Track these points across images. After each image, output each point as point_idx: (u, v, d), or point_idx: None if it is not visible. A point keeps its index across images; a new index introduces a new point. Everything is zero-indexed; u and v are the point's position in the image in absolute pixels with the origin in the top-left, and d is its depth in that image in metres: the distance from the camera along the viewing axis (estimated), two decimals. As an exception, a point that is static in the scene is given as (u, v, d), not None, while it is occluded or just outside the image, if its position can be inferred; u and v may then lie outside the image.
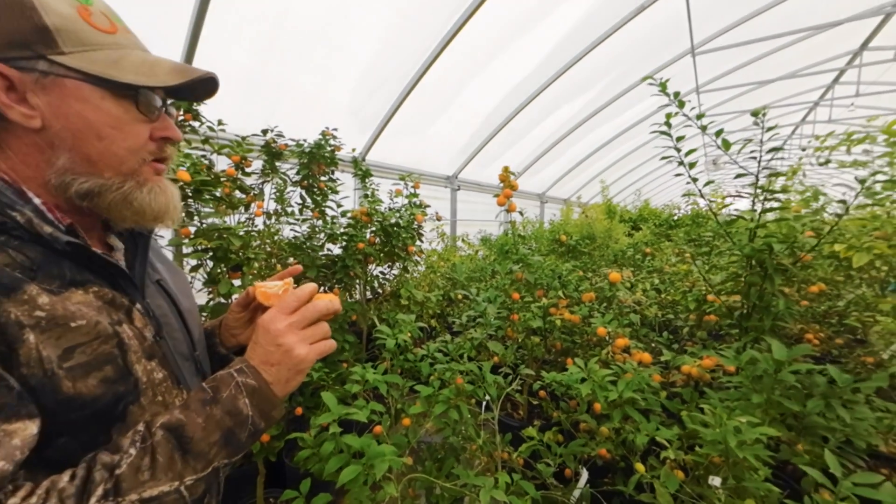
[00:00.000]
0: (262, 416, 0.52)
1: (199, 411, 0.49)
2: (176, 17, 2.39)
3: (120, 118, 0.51)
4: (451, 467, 1.14)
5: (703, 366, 1.71)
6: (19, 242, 0.47)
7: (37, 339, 0.43)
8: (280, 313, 0.55)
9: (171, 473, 0.45)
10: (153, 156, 0.56)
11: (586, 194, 9.69)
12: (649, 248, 3.93)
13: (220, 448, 0.49)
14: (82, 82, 0.49)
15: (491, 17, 3.40)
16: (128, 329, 0.53)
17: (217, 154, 2.27)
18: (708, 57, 5.20)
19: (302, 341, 0.55)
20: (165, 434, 0.47)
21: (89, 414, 0.47)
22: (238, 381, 0.52)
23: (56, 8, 0.47)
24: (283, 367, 0.54)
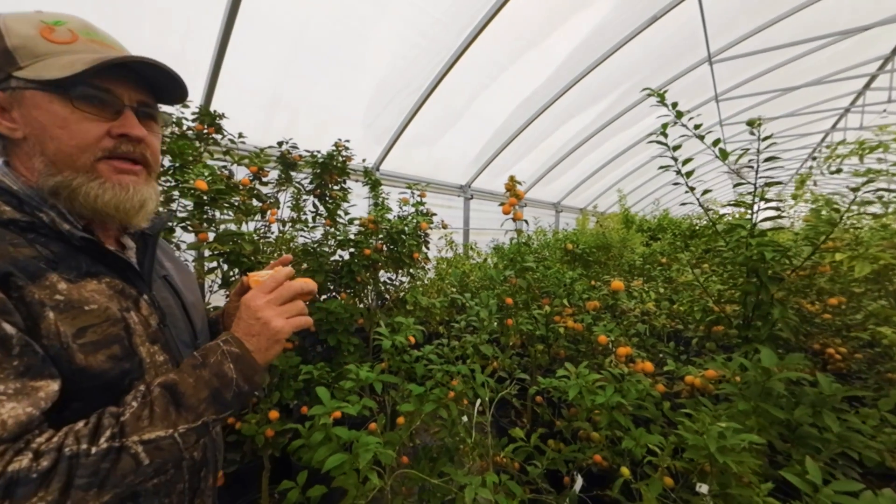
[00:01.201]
0: (245, 380, 0.59)
1: (190, 373, 0.57)
2: (203, 40, 2.57)
3: (66, 118, 0.56)
4: (443, 466, 1.17)
5: (706, 376, 1.68)
6: (46, 239, 0.56)
7: (56, 316, 0.52)
8: (259, 292, 0.64)
9: (166, 422, 0.52)
10: (107, 152, 0.58)
11: (603, 203, 9.57)
12: (665, 257, 3.86)
13: (209, 404, 0.56)
14: (35, 91, 0.55)
15: (503, 29, 3.48)
16: (134, 316, 0.62)
17: (237, 165, 2.41)
18: (726, 65, 5.13)
19: (278, 315, 0.63)
20: (162, 390, 0.55)
21: (99, 385, 0.55)
22: (224, 349, 0.60)
23: (18, 31, 0.55)
24: (263, 337, 0.61)
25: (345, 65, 3.27)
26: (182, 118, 2.07)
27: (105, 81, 0.58)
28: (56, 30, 0.56)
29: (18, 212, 0.55)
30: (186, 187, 1.54)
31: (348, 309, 2.02)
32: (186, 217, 1.68)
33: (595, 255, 3.52)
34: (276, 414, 1.50)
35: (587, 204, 9.41)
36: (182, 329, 0.72)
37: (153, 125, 0.66)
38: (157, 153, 0.67)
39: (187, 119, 2.13)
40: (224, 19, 2.48)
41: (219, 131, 2.35)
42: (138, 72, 0.62)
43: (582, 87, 4.76)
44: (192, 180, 1.49)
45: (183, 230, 1.76)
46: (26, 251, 0.53)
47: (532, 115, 5.01)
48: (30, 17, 0.57)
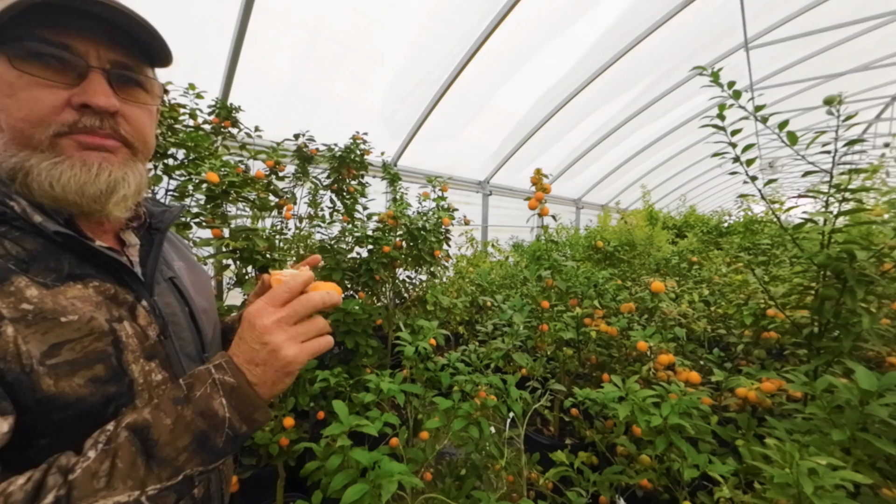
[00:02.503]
0: (242, 419, 0.46)
1: (168, 411, 0.44)
2: (219, 33, 2.51)
3: (12, 84, 0.44)
4: (471, 487, 1.06)
5: (762, 389, 1.51)
6: (20, 234, 0.46)
7: (17, 332, 0.41)
8: (269, 305, 0.48)
9: (130, 482, 0.40)
10: (65, 127, 0.46)
11: (625, 200, 9.24)
12: (696, 256, 3.64)
13: (192, 454, 0.43)
14: None
15: (524, 18, 3.32)
16: (128, 326, 0.51)
17: (253, 159, 2.35)
18: (764, 51, 4.80)
19: (291, 340, 0.47)
20: (129, 435, 0.42)
21: (74, 415, 0.44)
22: (215, 377, 0.46)
23: None
24: (269, 368, 0.47)
25: (362, 57, 3.17)
26: (197, 110, 2.00)
27: (61, 35, 0.45)
28: None
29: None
30: (199, 180, 1.46)
31: (367, 309, 1.93)
32: (199, 212, 1.60)
33: (625, 253, 3.34)
34: (292, 421, 1.41)
35: (609, 200, 9.11)
36: (187, 340, 0.60)
37: (137, 93, 0.52)
38: (141, 129, 0.52)
39: (202, 111, 2.07)
40: (240, 11, 2.41)
41: (235, 125, 2.29)
42: (115, 22, 0.47)
43: (607, 78, 4.54)
44: (204, 173, 1.41)
45: (197, 226, 1.69)
46: None
47: (554, 108, 4.82)
48: None
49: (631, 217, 5.30)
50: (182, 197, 1.65)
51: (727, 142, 1.33)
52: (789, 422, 1.25)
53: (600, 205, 9.06)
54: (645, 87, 5.18)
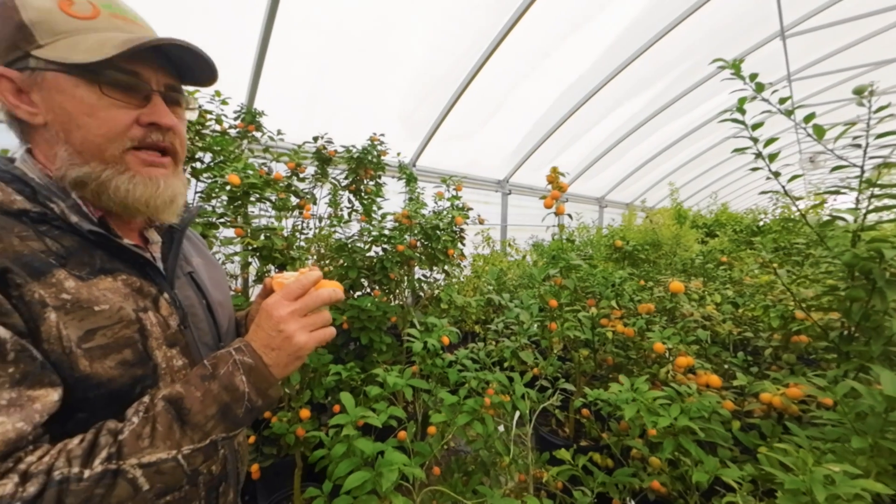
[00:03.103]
0: (258, 394, 0.53)
1: (198, 385, 0.51)
2: (245, 41, 2.63)
3: (93, 105, 0.51)
4: (478, 483, 1.07)
5: (788, 395, 1.43)
6: (59, 232, 0.52)
7: (59, 318, 0.47)
8: (284, 299, 0.56)
9: (169, 442, 0.47)
10: (136, 142, 0.54)
11: (652, 198, 8.94)
12: (726, 256, 3.49)
13: (218, 421, 0.51)
14: (58, 73, 0.50)
15: (542, 14, 3.28)
16: (152, 316, 0.56)
17: (276, 161, 2.44)
18: (802, 39, 4.53)
19: (302, 329, 0.56)
20: (166, 405, 0.49)
21: (106, 393, 0.50)
22: (236, 359, 0.53)
23: (34, 3, 0.49)
24: (283, 352, 0.55)
25: (380, 59, 3.23)
26: (222, 115, 2.11)
27: (133, 64, 0.53)
28: (74, 2, 0.51)
29: (31, 202, 0.50)
30: (223, 182, 1.54)
31: (381, 307, 1.97)
32: (224, 213, 1.69)
33: (646, 252, 3.24)
34: (308, 413, 1.47)
35: (634, 199, 8.84)
36: (205, 330, 0.66)
37: (179, 110, 0.61)
38: (184, 141, 0.62)
39: (227, 117, 2.17)
40: (264, 21, 2.51)
41: (259, 129, 2.39)
42: (165, 53, 0.56)
43: (631, 72, 4.40)
44: (227, 175, 1.49)
45: (223, 226, 1.78)
46: (34, 244, 0.48)
47: (575, 105, 4.73)
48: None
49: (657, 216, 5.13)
50: (208, 198, 1.74)
51: (749, 137, 1.28)
52: (817, 429, 1.20)
53: (625, 203, 8.81)
54: (671, 82, 4.99)
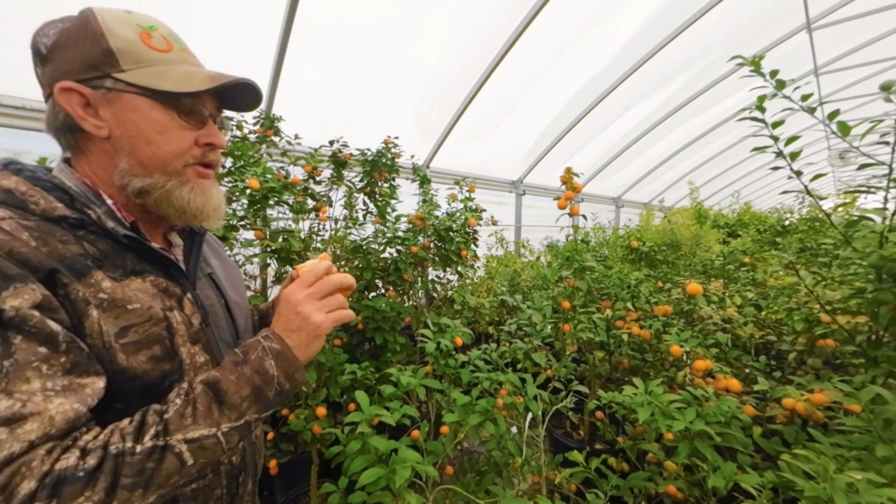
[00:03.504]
0: (286, 377, 0.58)
1: (231, 370, 0.56)
2: (263, 45, 2.70)
3: (166, 125, 0.58)
4: (490, 483, 1.08)
5: (813, 401, 1.39)
6: (94, 236, 0.56)
7: (99, 315, 0.51)
8: (299, 286, 0.62)
9: (209, 420, 0.51)
10: (196, 160, 0.62)
11: (671, 197, 8.73)
12: (748, 257, 3.38)
13: (251, 403, 0.55)
14: (137, 95, 0.56)
15: (557, 13, 3.25)
16: (177, 315, 0.60)
17: (294, 165, 2.50)
18: (829, 31, 4.36)
19: (318, 310, 0.61)
20: (204, 388, 0.54)
21: (139, 386, 0.54)
22: (264, 345, 0.58)
23: (120, 33, 0.56)
24: (303, 332, 0.60)
25: (396, 63, 3.27)
26: (242, 122, 2.17)
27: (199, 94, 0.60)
28: (153, 35, 0.58)
29: (70, 209, 0.54)
30: (243, 186, 1.59)
31: (395, 307, 2.00)
32: (244, 216, 1.75)
33: (663, 253, 3.18)
34: (324, 411, 1.51)
35: (652, 198, 8.65)
36: (224, 329, 0.70)
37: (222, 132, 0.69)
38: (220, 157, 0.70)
39: (247, 122, 2.24)
40: (282, 29, 2.58)
41: (277, 134, 2.46)
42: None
43: (648, 69, 4.32)
44: (247, 179, 1.54)
45: (243, 228, 1.84)
46: (74, 248, 0.52)
47: (591, 104, 4.67)
48: (125, 19, 0.57)
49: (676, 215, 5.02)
50: (229, 202, 1.80)
51: (769, 135, 1.24)
52: (843, 437, 1.16)
53: (642, 203, 8.63)
54: (690, 78, 4.88)
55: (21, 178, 0.54)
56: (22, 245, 0.47)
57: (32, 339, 0.44)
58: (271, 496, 1.92)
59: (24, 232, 0.48)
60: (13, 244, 0.46)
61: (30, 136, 2.00)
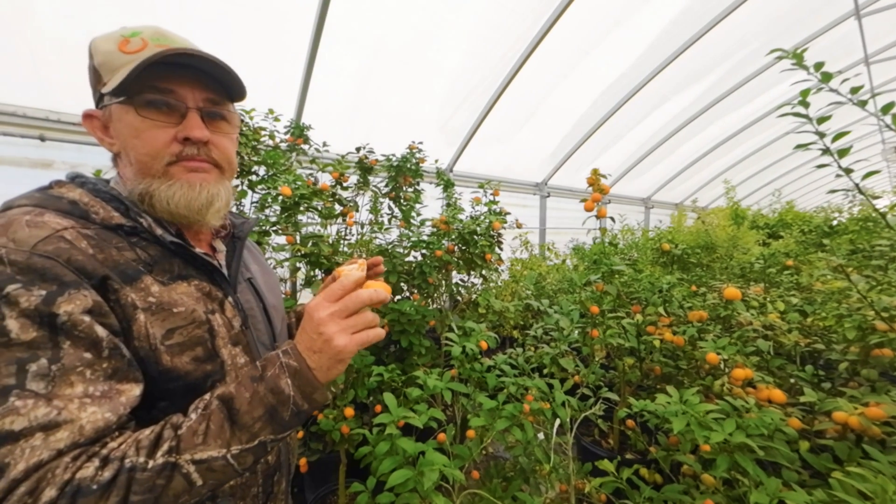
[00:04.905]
0: (303, 398, 0.53)
1: (247, 386, 0.52)
2: (294, 60, 2.81)
3: (137, 127, 0.58)
4: (517, 489, 1.06)
5: (868, 415, 1.29)
6: (146, 243, 0.60)
7: (146, 318, 0.54)
8: (324, 301, 0.56)
9: (220, 441, 0.49)
10: (174, 157, 0.60)
11: (704, 197, 8.35)
12: (791, 259, 3.18)
13: (265, 423, 0.51)
14: (117, 105, 0.58)
15: (582, 13, 3.20)
16: (219, 318, 0.63)
17: (322, 171, 2.58)
18: (881, 17, 4.06)
19: (342, 331, 0.54)
20: (219, 404, 0.51)
21: (183, 385, 0.57)
22: (282, 361, 0.54)
23: (101, 48, 0.59)
24: (325, 355, 0.54)
25: (418, 69, 3.32)
26: (275, 131, 2.27)
27: (167, 83, 0.58)
28: (131, 41, 0.58)
29: (125, 217, 0.59)
30: (276, 193, 1.66)
31: (420, 310, 2.02)
32: (276, 221, 1.82)
33: (697, 256, 3.04)
34: (352, 411, 1.54)
35: (684, 198, 8.30)
36: (262, 331, 0.73)
37: (222, 125, 0.65)
38: (227, 153, 0.66)
39: (279, 132, 2.34)
40: (311, 40, 2.68)
41: (306, 142, 2.55)
42: (204, 70, 0.61)
43: (679, 66, 4.17)
44: (279, 187, 1.61)
45: (275, 233, 1.92)
46: (128, 254, 0.56)
47: (617, 103, 4.55)
48: (112, 35, 0.60)
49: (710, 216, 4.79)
50: (262, 208, 1.88)
51: (814, 131, 1.17)
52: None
53: (674, 203, 8.30)
54: (724, 73, 4.66)
55: (84, 190, 0.59)
56: (79, 253, 0.51)
57: (79, 345, 0.47)
58: (301, 493, 1.97)
59: (83, 241, 0.52)
60: (71, 252, 0.50)
61: (86, 149, 2.17)
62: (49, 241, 0.49)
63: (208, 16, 2.27)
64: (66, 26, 1.92)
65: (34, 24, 1.90)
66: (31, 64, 1.97)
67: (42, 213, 0.52)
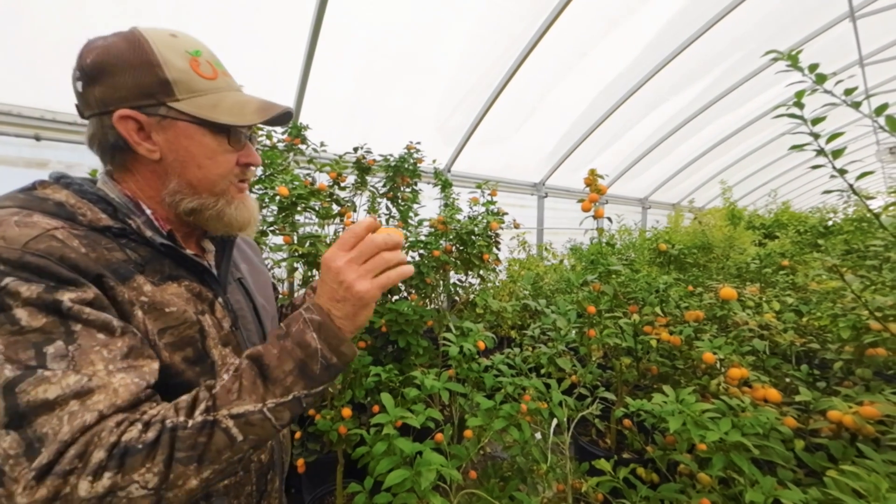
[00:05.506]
0: (331, 350, 0.54)
1: (274, 344, 0.54)
2: (292, 59, 2.81)
3: (215, 150, 0.63)
4: (514, 489, 1.07)
5: (862, 414, 1.30)
6: (135, 244, 0.60)
7: (143, 315, 0.55)
8: (339, 250, 0.56)
9: (254, 396, 0.51)
10: (238, 178, 0.67)
11: (701, 198, 8.39)
12: (787, 259, 3.20)
13: (297, 378, 0.53)
14: (190, 123, 0.60)
15: (579, 13, 3.21)
16: (209, 318, 0.63)
17: (319, 171, 2.58)
18: (875, 19, 4.09)
19: (362, 276, 0.54)
20: (249, 363, 0.53)
21: (179, 383, 0.57)
22: (305, 317, 0.55)
23: (175, 63, 0.59)
24: (348, 302, 0.54)
25: (416, 69, 3.32)
26: (272, 131, 2.26)
27: None
28: (200, 62, 0.62)
29: (113, 219, 0.58)
30: (273, 193, 1.66)
31: (417, 310, 2.02)
32: (274, 221, 1.82)
33: (694, 256, 3.05)
34: (349, 412, 1.54)
35: (681, 199, 8.34)
36: (252, 331, 0.73)
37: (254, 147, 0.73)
38: None
39: (276, 132, 2.33)
40: (308, 39, 2.67)
41: (304, 142, 2.54)
42: None
43: (675, 67, 4.19)
44: (277, 187, 1.61)
45: (272, 233, 1.92)
46: (118, 255, 0.56)
47: (615, 103, 4.57)
48: (175, 45, 0.60)
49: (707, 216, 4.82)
50: (260, 209, 1.88)
51: (809, 132, 1.18)
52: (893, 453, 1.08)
53: (670, 204, 8.34)
54: (721, 74, 4.69)
55: (70, 191, 0.58)
56: (72, 252, 0.50)
57: (91, 327, 0.48)
58: (298, 494, 1.97)
59: (74, 240, 0.52)
60: (64, 251, 0.50)
61: (81, 149, 2.15)
62: (40, 239, 0.49)
63: (206, 13, 2.26)
64: (62, 26, 1.91)
65: (30, 24, 1.89)
66: (27, 63, 1.96)
67: (30, 214, 0.52)
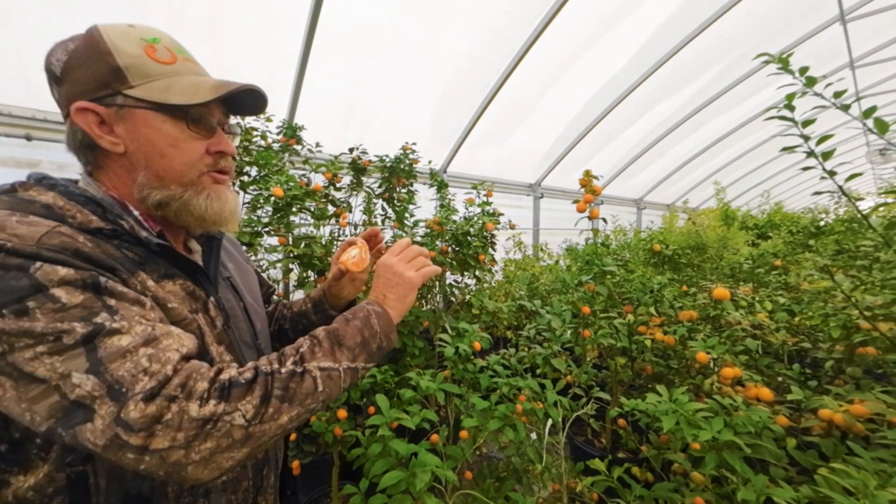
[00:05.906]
0: (384, 335, 0.68)
1: (344, 324, 0.65)
2: (287, 59, 2.79)
3: (177, 137, 0.60)
4: (510, 489, 1.07)
5: (852, 412, 1.32)
6: (129, 244, 0.59)
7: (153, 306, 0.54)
8: (391, 255, 0.77)
9: (332, 357, 0.60)
10: (209, 168, 0.64)
11: (695, 198, 8.46)
12: (779, 259, 3.24)
13: (361, 350, 0.64)
14: (147, 110, 0.58)
15: (574, 15, 3.23)
16: (202, 317, 0.63)
17: (315, 172, 2.57)
18: (865, 23, 4.15)
19: (410, 268, 0.76)
20: (326, 334, 0.63)
21: None
22: (368, 308, 0.69)
23: (126, 49, 0.57)
24: (400, 287, 0.74)
25: (413, 70, 3.31)
26: (266, 132, 2.25)
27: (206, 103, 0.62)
28: (156, 48, 0.59)
29: (103, 220, 0.57)
30: (268, 194, 1.65)
31: (413, 311, 2.01)
32: (269, 222, 1.81)
33: (688, 256, 3.08)
34: (345, 413, 1.53)
35: (676, 199, 8.40)
36: (244, 330, 0.73)
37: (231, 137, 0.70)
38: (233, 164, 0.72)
39: (272, 132, 2.32)
40: (304, 40, 2.66)
41: (299, 142, 2.53)
42: None
43: (670, 68, 4.22)
44: (272, 188, 1.60)
45: (267, 234, 1.91)
46: (118, 254, 0.55)
47: (610, 105, 4.60)
48: (129, 34, 0.58)
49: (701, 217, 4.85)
50: (254, 209, 1.87)
51: (799, 134, 1.20)
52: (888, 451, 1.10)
53: (665, 204, 8.40)
54: (714, 76, 4.73)
55: (56, 193, 0.56)
56: (83, 246, 0.50)
57: (124, 300, 0.50)
58: (294, 496, 1.96)
59: (80, 235, 0.51)
60: (76, 245, 0.49)
61: (73, 149, 2.14)
62: (51, 235, 0.48)
63: (201, 14, 2.25)
64: (52, 25, 1.89)
65: (20, 23, 1.87)
66: (18, 63, 1.94)
67: (26, 215, 0.50)
